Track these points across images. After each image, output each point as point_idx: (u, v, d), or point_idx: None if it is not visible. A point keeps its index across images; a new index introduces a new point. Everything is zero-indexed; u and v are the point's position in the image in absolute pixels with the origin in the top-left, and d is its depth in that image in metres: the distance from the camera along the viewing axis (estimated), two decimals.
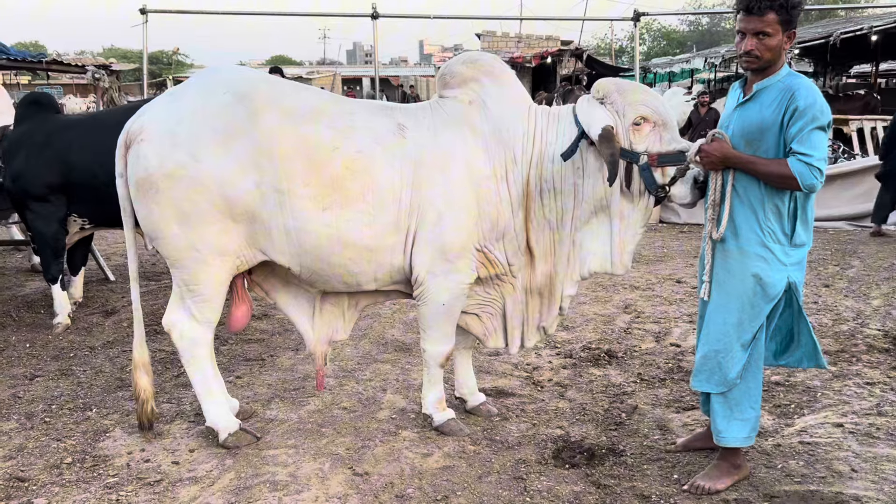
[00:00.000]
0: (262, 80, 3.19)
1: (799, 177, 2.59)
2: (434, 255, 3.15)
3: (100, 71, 11.13)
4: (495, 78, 3.28)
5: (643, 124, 3.04)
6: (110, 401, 3.82)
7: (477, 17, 25.09)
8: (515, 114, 3.22)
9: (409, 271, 3.22)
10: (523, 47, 24.72)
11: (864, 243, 7.73)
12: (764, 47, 2.67)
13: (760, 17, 2.64)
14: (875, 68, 22.87)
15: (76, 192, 4.85)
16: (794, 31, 2.68)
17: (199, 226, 3.05)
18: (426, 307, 3.28)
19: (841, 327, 4.91)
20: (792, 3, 2.62)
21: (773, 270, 2.75)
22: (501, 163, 3.17)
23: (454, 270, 3.19)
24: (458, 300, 3.28)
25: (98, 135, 4.85)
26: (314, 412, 3.66)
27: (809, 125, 2.60)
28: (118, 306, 5.52)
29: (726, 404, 2.92)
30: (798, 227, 2.75)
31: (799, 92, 2.63)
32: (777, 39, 2.66)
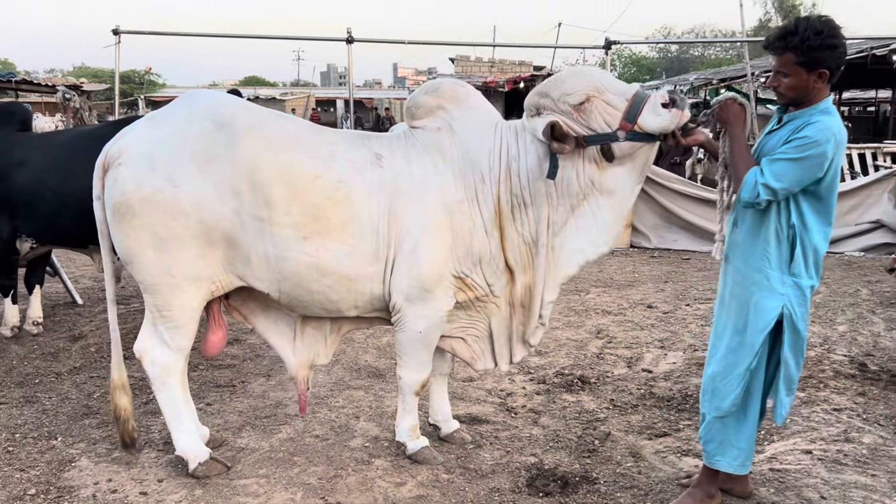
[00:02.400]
0: (242, 108, 3.19)
1: (743, 184, 2.63)
2: (411, 283, 3.15)
3: (70, 91, 11.01)
4: (459, 102, 3.30)
5: (584, 104, 2.99)
6: (76, 429, 3.74)
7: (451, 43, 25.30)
8: (482, 133, 3.22)
9: (389, 299, 3.22)
10: (496, 72, 24.97)
11: (830, 269, 7.88)
12: (785, 86, 2.67)
13: (779, 57, 2.65)
14: (838, 97, 23.51)
15: (22, 210, 4.80)
16: (824, 70, 2.60)
17: (174, 251, 3.03)
18: (403, 334, 3.27)
19: (808, 353, 4.98)
20: (810, 45, 2.56)
21: (766, 296, 2.73)
22: (472, 185, 3.17)
23: (431, 298, 3.18)
24: (435, 328, 3.27)
25: (49, 154, 4.82)
26: (286, 440, 3.62)
27: (788, 153, 2.59)
28: (86, 331, 5.42)
29: (723, 429, 2.91)
30: (797, 256, 2.70)
31: (811, 125, 2.61)
32: (797, 80, 2.63)
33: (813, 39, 2.55)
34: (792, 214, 2.68)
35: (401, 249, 3.13)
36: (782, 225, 2.70)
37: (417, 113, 3.32)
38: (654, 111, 2.91)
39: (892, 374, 4.56)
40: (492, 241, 3.19)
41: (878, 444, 3.57)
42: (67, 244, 5.12)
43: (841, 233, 8.90)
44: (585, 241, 3.18)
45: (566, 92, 3.02)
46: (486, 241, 3.18)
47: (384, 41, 13.19)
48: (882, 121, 21.67)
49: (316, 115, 28.68)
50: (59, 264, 6.33)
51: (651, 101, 2.93)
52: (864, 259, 8.49)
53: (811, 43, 2.56)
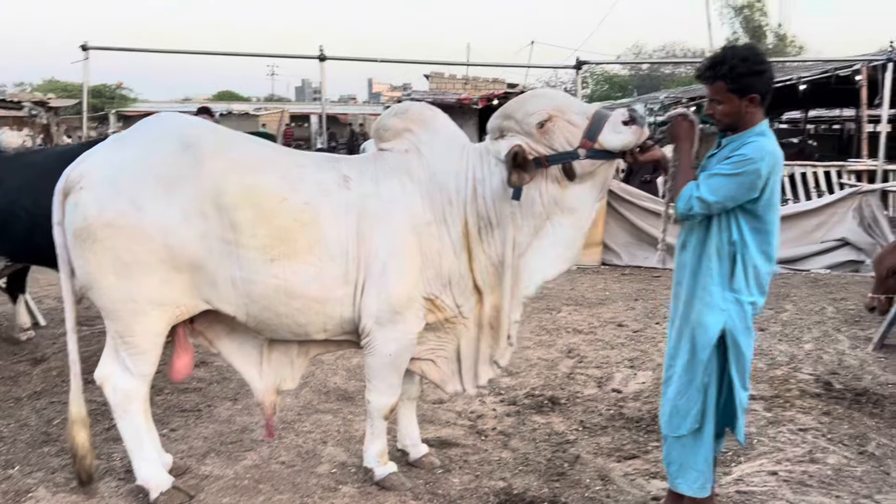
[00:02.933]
0: (208, 129, 3.18)
1: (680, 196, 2.72)
2: (381, 306, 3.12)
3: (37, 108, 10.85)
4: (425, 124, 3.31)
5: (546, 124, 3.03)
6: (35, 457, 3.65)
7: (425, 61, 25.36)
8: (449, 156, 3.24)
9: (358, 322, 3.18)
10: (470, 89, 25.07)
11: (797, 287, 7.99)
12: (720, 113, 2.76)
13: (711, 86, 2.74)
14: (804, 115, 23.97)
15: None
16: (754, 95, 2.69)
17: (138, 276, 2.97)
18: (373, 358, 3.24)
19: (775, 372, 5.04)
20: (738, 73, 2.65)
21: (709, 312, 2.77)
22: (439, 206, 3.17)
23: (401, 320, 3.16)
24: (405, 350, 3.25)
25: (22, 174, 4.75)
26: (251, 467, 3.56)
27: (724, 169, 2.67)
28: (48, 353, 5.31)
29: (682, 450, 2.93)
30: (737, 273, 2.75)
31: (747, 145, 2.69)
32: (730, 106, 2.71)
33: (740, 67, 2.65)
34: (733, 232, 2.74)
35: (370, 272, 3.11)
36: (723, 242, 2.76)
37: (385, 135, 3.33)
38: (614, 129, 2.98)
39: (856, 392, 4.62)
40: (460, 262, 3.19)
41: (842, 464, 3.61)
42: (43, 263, 5.04)
43: (807, 250, 9.06)
44: (547, 260, 3.22)
45: (529, 112, 3.08)
46: (455, 261, 3.18)
47: (357, 59, 13.15)
48: (846, 139, 22.10)
49: (290, 131, 28.55)
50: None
51: (612, 120, 3.00)
52: (829, 276, 8.62)
53: (739, 70, 2.65)
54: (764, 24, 41.58)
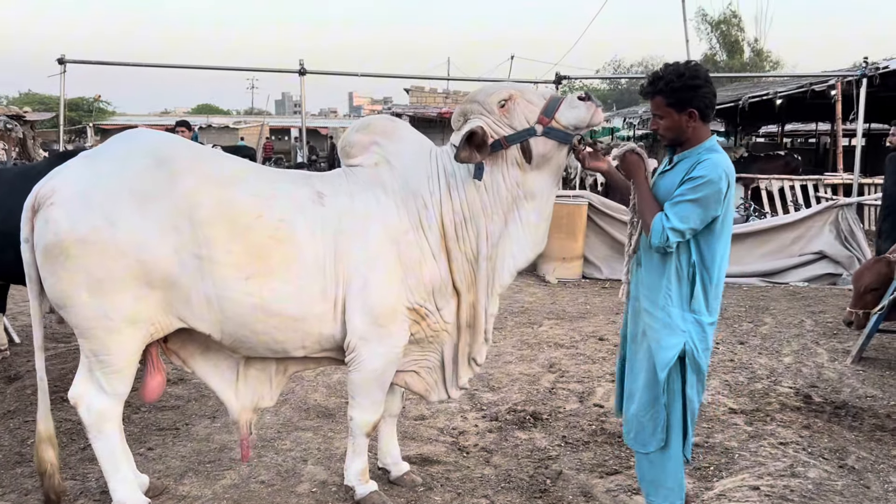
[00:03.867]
0: (182, 145, 3.14)
1: (652, 231, 2.73)
2: (365, 321, 3.10)
3: (12, 121, 10.70)
4: (390, 136, 3.33)
5: (507, 103, 3.11)
6: (7, 478, 3.57)
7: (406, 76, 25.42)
8: (418, 162, 3.26)
9: (340, 339, 3.16)
10: (451, 103, 25.22)
11: (776, 300, 8.06)
12: (662, 127, 2.82)
13: (651, 101, 2.82)
14: (781, 129, 24.32)
15: None
16: (693, 110, 2.73)
17: (112, 293, 2.91)
18: (358, 374, 3.20)
19: (756, 385, 5.06)
20: (673, 87, 2.71)
21: (668, 334, 2.78)
22: (415, 212, 3.18)
23: (387, 335, 3.14)
24: (391, 364, 3.23)
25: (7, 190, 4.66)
26: (230, 487, 3.50)
27: (688, 195, 2.68)
28: (22, 371, 5.21)
29: (650, 468, 2.93)
30: (697, 294, 2.78)
31: (701, 164, 2.72)
32: (670, 120, 2.77)
33: (675, 82, 2.71)
34: (692, 254, 2.76)
35: (350, 288, 3.09)
36: (682, 264, 2.78)
37: (352, 151, 3.32)
38: (570, 105, 3.08)
39: (835, 405, 4.65)
40: (440, 266, 3.20)
41: (822, 478, 3.62)
42: (19, 281, 4.95)
43: (785, 264, 9.15)
44: (517, 246, 3.26)
45: (490, 93, 3.18)
46: (435, 267, 3.18)
47: (337, 73, 13.16)
48: (822, 153, 22.46)
49: (269, 144, 28.50)
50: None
51: (567, 98, 3.12)
52: (807, 289, 8.71)
53: (674, 85, 2.71)
54: (741, 39, 42.20)
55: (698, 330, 2.78)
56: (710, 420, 4.40)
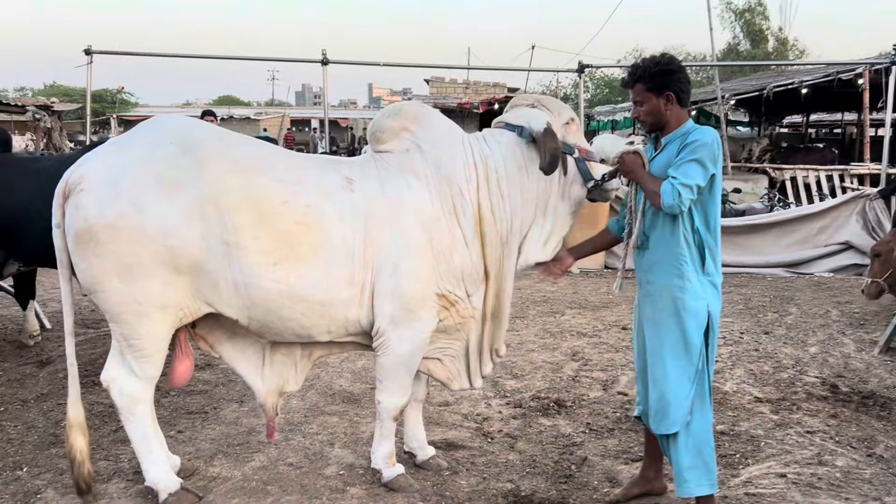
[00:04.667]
0: (209, 131, 3.16)
1: (662, 194, 2.82)
2: (395, 306, 3.13)
3: (41, 112, 10.84)
4: (421, 122, 3.35)
5: (571, 124, 3.41)
6: (42, 459, 3.64)
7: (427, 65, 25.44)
8: (451, 149, 3.30)
9: (366, 324, 3.19)
10: (471, 93, 25.16)
11: (801, 290, 7.99)
12: (643, 112, 3.02)
13: (632, 89, 3.03)
14: (806, 119, 23.99)
15: (12, 235, 4.71)
16: (670, 92, 2.94)
17: (141, 279, 2.95)
18: (386, 358, 3.24)
19: (781, 375, 5.03)
20: (652, 72, 2.94)
21: (692, 298, 2.92)
22: (448, 200, 3.21)
23: (416, 319, 3.17)
24: (419, 350, 3.26)
25: (37, 179, 4.74)
26: (259, 469, 3.55)
27: (687, 156, 2.84)
28: (54, 356, 5.31)
29: (686, 448, 2.94)
30: (707, 258, 2.94)
31: (692, 133, 2.92)
32: (651, 105, 2.98)
33: (652, 68, 2.95)
34: (695, 219, 2.93)
35: (380, 273, 3.11)
36: (688, 230, 2.94)
37: (382, 137, 3.33)
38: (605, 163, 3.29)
39: (862, 395, 4.61)
40: (472, 252, 3.23)
41: (850, 466, 3.60)
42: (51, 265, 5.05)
43: (811, 254, 9.06)
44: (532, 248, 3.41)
45: (562, 106, 3.47)
46: (466, 253, 3.22)
47: (359, 63, 13.19)
48: (848, 143, 22.13)
49: (290, 135, 28.59)
50: None
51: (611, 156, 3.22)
52: (833, 280, 8.62)
53: (651, 70, 2.95)
54: (765, 28, 41.61)
55: (714, 292, 2.96)
56: (735, 408, 4.39)
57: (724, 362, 5.30)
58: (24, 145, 17.92)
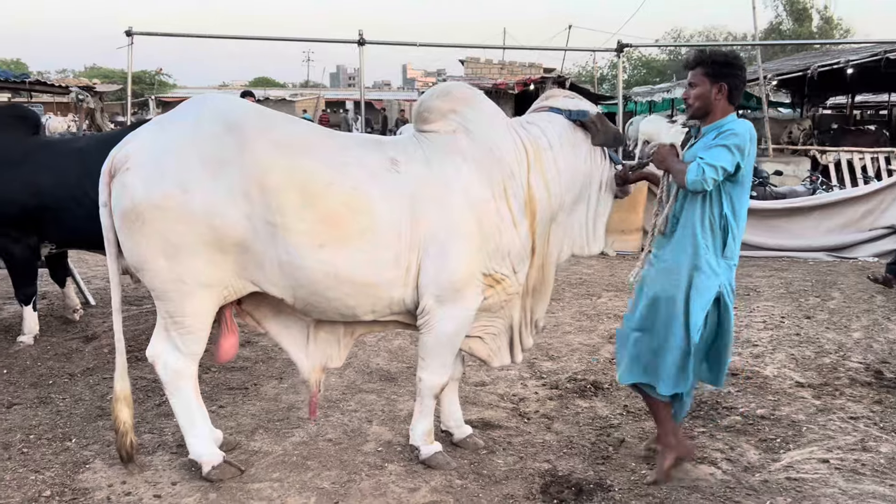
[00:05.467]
0: (252, 110, 3.16)
1: (688, 171, 2.98)
2: (441, 285, 3.15)
3: (83, 92, 11.05)
4: (470, 104, 3.35)
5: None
6: (90, 430, 3.75)
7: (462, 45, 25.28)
8: (499, 131, 3.32)
9: (411, 303, 3.21)
10: (506, 74, 24.93)
11: (844, 275, 7.83)
12: (693, 95, 3.15)
13: (691, 70, 3.17)
14: (851, 100, 23.37)
15: (47, 217, 4.80)
16: (723, 84, 3.09)
17: (186, 258, 2.99)
18: (430, 336, 3.26)
19: (823, 360, 4.95)
20: (716, 60, 3.10)
21: (706, 278, 3.11)
22: (499, 182, 3.23)
23: (462, 298, 3.20)
24: (463, 328, 3.29)
25: (71, 160, 4.80)
26: (299, 444, 3.61)
27: (717, 142, 3.01)
28: (98, 331, 5.43)
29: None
30: (729, 242, 3.12)
31: (726, 125, 3.08)
32: (703, 89, 3.12)
33: (718, 57, 3.13)
34: (724, 206, 3.09)
35: (427, 253, 3.13)
36: (715, 216, 3.11)
37: (430, 117, 3.33)
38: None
39: None
40: (521, 231, 3.26)
41: (895, 453, 3.54)
42: (94, 248, 5.13)
43: (855, 238, 8.85)
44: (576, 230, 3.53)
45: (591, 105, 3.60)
46: (514, 233, 3.25)
47: (395, 43, 13.15)
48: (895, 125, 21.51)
49: (325, 117, 28.70)
50: (73, 265, 6.35)
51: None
52: (878, 265, 8.41)
53: (716, 58, 3.12)
54: (809, 6, 40.52)
55: (729, 273, 3.16)
56: (776, 393, 4.33)
57: (765, 346, 5.23)
58: (67, 126, 18.30)
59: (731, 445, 3.64)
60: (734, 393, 4.34)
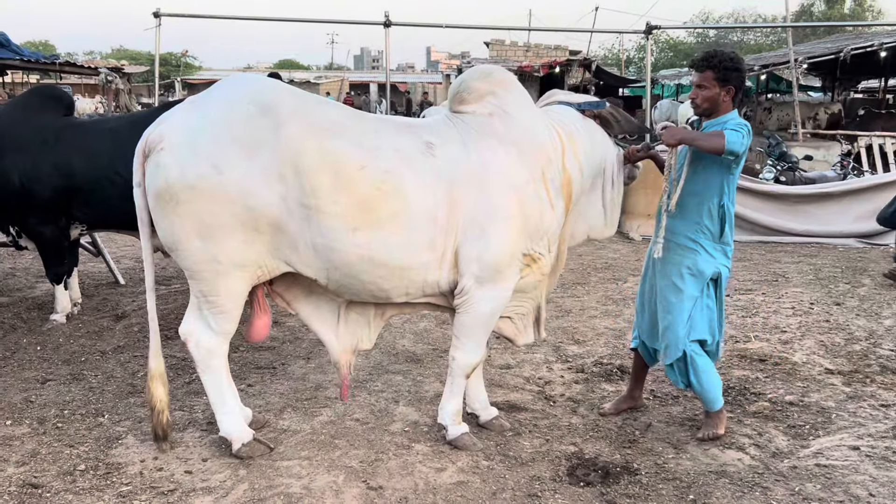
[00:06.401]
0: (286, 92, 3.14)
1: (727, 135, 3.15)
2: (482, 267, 3.18)
3: (112, 74, 11.15)
4: (508, 88, 3.38)
5: None
6: (122, 407, 3.81)
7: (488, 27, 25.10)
8: (536, 117, 3.40)
9: (445, 286, 3.24)
10: (531, 56, 24.73)
11: (875, 261, 7.71)
12: (701, 97, 3.37)
13: (700, 74, 3.35)
14: (883, 83, 22.87)
15: (80, 198, 4.85)
16: (732, 87, 3.34)
17: (221, 238, 3.00)
18: (467, 316, 3.29)
19: (854, 347, 4.89)
20: (725, 65, 3.29)
21: (702, 260, 3.41)
22: (538, 165, 3.27)
23: (502, 279, 3.25)
24: (500, 308, 3.35)
25: (105, 140, 4.83)
26: (327, 423, 3.65)
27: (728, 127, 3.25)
28: (128, 310, 5.51)
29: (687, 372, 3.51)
30: (726, 229, 3.41)
31: (731, 120, 3.33)
32: (713, 92, 3.34)
33: (727, 62, 3.31)
34: (724, 197, 3.38)
35: (466, 237, 3.15)
36: (714, 206, 3.38)
37: (468, 98, 3.32)
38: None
39: None
40: (557, 211, 3.35)
41: None
42: (122, 228, 5.18)
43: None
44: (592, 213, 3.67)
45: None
46: (552, 213, 3.32)
47: (421, 25, 13.05)
48: None
49: (349, 99, 28.71)
50: (102, 245, 6.45)
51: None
52: None
53: (725, 64, 3.31)
54: None
55: (724, 257, 3.46)
56: (805, 379, 4.29)
57: (794, 333, 5.18)
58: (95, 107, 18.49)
59: (760, 431, 3.62)
60: (762, 379, 4.30)
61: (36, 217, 4.90)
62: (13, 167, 4.75)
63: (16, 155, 4.75)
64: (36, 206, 4.84)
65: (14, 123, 4.85)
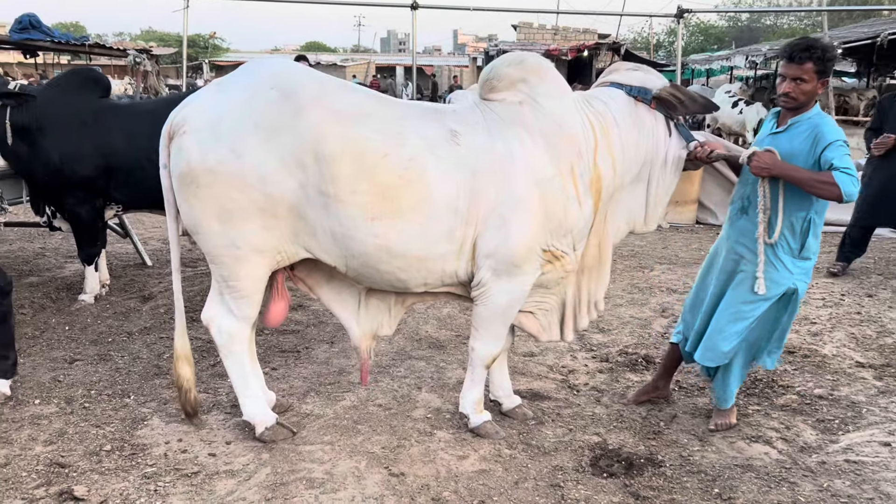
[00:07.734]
0: (309, 77, 3.10)
1: (842, 185, 2.96)
2: (500, 260, 3.10)
3: (141, 55, 11.23)
4: (542, 76, 3.23)
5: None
6: (148, 388, 3.85)
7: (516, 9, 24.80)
8: (569, 108, 3.21)
9: (464, 276, 3.19)
10: (560, 39, 24.49)
11: None
12: (800, 91, 3.13)
13: (800, 66, 3.10)
14: None
15: (117, 178, 4.90)
16: (827, 79, 3.16)
17: (240, 223, 3.00)
18: (485, 308, 3.24)
19: (886, 340, 4.78)
20: (827, 56, 3.09)
21: (778, 276, 3.23)
22: (567, 159, 3.13)
23: (520, 272, 3.16)
24: (517, 302, 3.26)
25: (142, 122, 4.86)
26: (350, 408, 3.65)
27: (841, 149, 3.04)
28: (155, 292, 5.56)
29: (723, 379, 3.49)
30: (808, 243, 3.22)
31: (825, 129, 3.11)
32: (812, 85, 3.12)
33: (828, 54, 3.11)
34: (809, 211, 3.17)
35: (486, 227, 3.07)
36: (798, 219, 3.19)
37: (499, 85, 3.22)
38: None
39: None
40: (585, 208, 3.18)
41: None
42: (157, 209, 5.22)
43: None
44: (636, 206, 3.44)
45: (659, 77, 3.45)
46: (579, 210, 3.16)
47: (449, 7, 12.94)
48: None
49: (375, 82, 28.63)
50: (130, 226, 6.51)
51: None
52: None
53: (827, 56, 3.10)
54: None
55: (804, 273, 3.27)
56: (834, 373, 4.21)
57: (824, 324, 5.08)
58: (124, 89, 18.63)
59: (787, 425, 3.56)
60: (790, 371, 4.23)
61: (74, 197, 4.96)
62: (54, 147, 4.80)
63: (56, 135, 4.81)
64: (75, 187, 4.90)
65: (54, 104, 4.90)
